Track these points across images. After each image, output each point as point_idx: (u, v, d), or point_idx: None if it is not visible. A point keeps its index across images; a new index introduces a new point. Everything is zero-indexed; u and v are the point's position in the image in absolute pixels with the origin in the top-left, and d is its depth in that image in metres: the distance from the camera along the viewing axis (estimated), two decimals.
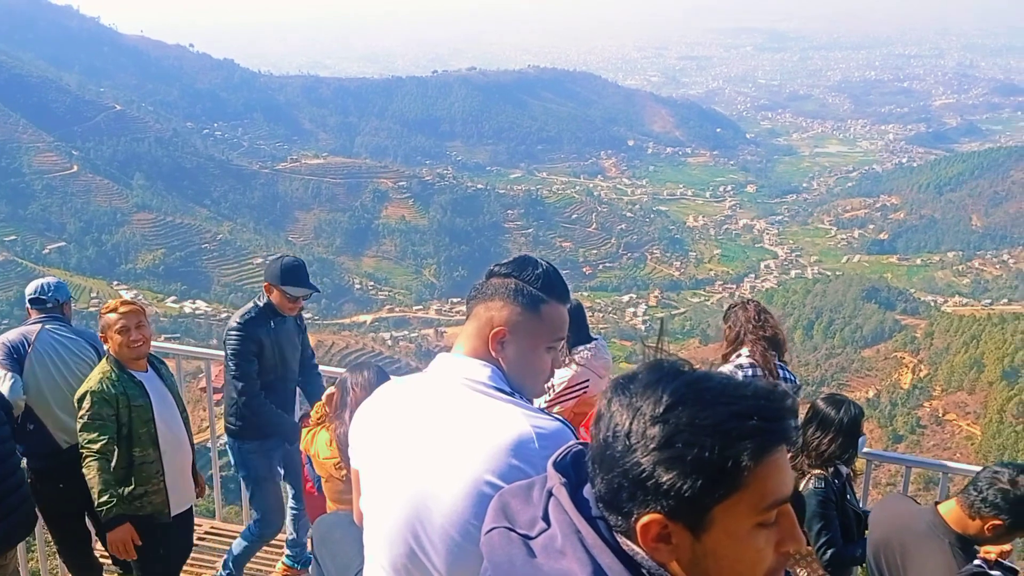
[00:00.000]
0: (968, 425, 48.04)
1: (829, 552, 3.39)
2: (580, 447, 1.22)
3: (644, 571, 1.08)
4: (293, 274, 4.22)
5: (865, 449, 4.21)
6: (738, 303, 4.44)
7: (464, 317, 1.86)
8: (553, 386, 4.26)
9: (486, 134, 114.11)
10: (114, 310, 3.70)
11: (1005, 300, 71.88)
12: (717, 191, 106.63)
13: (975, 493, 2.70)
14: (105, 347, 3.77)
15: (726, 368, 4.05)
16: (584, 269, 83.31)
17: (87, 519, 4.32)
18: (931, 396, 51.14)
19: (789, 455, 3.66)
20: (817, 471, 3.52)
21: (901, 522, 2.89)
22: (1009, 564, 2.77)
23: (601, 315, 73.44)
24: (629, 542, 1.09)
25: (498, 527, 1.19)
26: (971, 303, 71.94)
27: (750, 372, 4.04)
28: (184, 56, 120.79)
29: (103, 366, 3.73)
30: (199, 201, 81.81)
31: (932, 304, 69.97)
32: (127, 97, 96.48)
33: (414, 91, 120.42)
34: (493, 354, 1.75)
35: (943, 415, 49.32)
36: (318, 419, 3.76)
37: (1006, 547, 2.85)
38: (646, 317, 72.49)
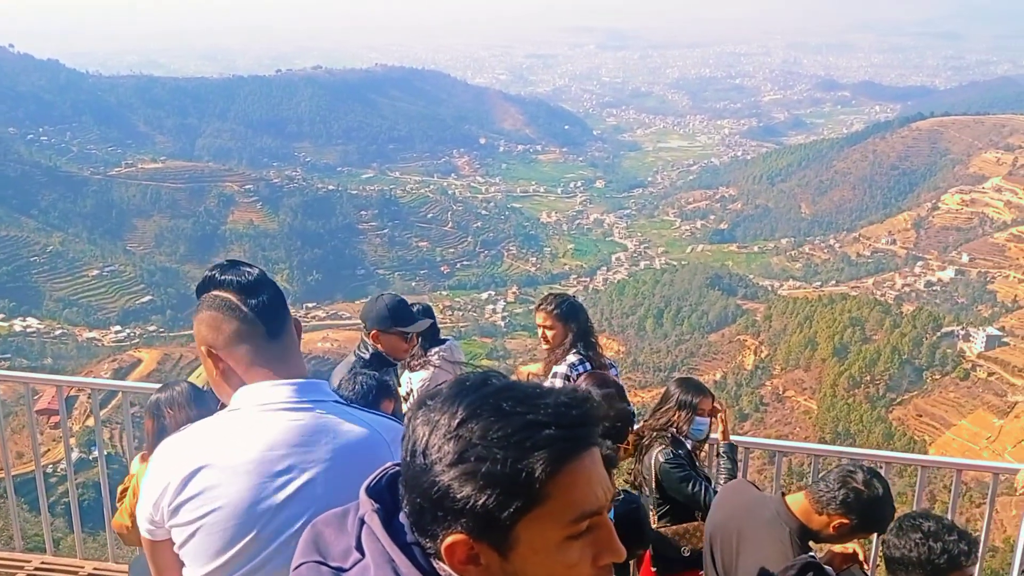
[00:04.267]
0: (805, 400, 51.18)
1: (709, 492, 3.50)
2: (397, 468, 1.14)
3: None
4: (402, 312, 3.86)
5: (738, 439, 4.21)
6: (550, 298, 4.33)
7: (320, 323, 1.80)
8: (413, 390, 4.28)
9: (335, 134, 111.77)
10: None
11: (833, 282, 77.05)
12: (568, 187, 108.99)
13: (825, 489, 2.67)
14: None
15: (560, 369, 4.06)
16: (442, 268, 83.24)
17: None
18: (772, 375, 54.10)
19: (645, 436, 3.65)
20: (660, 445, 3.60)
21: (745, 507, 2.86)
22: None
23: (461, 313, 73.62)
24: (446, 567, 1.04)
25: (307, 562, 1.13)
26: (803, 286, 76.65)
27: (581, 369, 4.02)
28: (3, 57, 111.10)
29: None
30: (25, 211, 75.89)
31: (769, 288, 74.08)
32: None
33: (257, 91, 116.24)
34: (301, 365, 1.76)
35: (783, 392, 52.33)
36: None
37: (857, 551, 2.84)
38: (505, 313, 73.17)
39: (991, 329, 55.00)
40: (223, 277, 1.70)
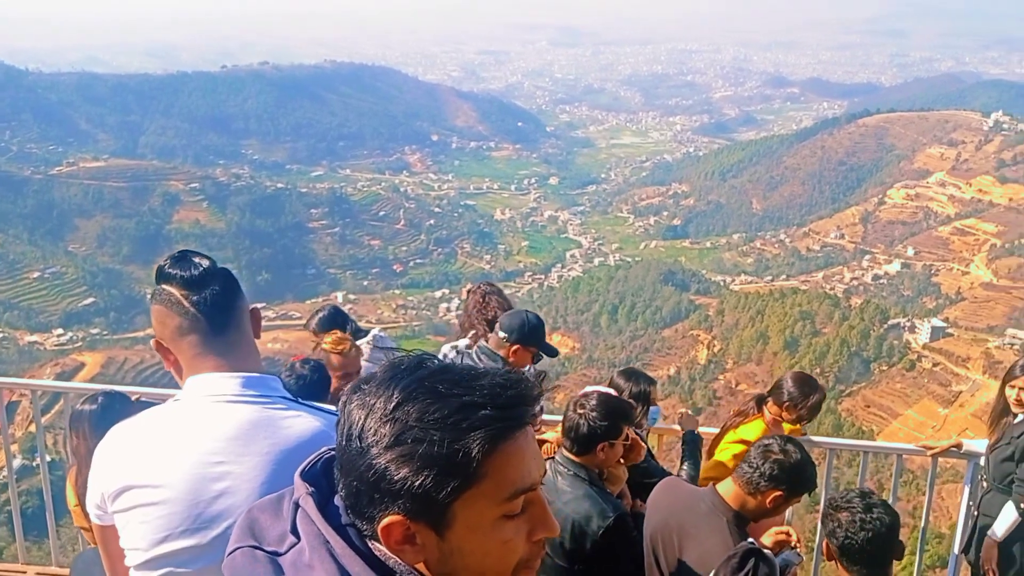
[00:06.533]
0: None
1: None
2: (332, 453, 1.14)
3: (396, 569, 1.05)
4: (544, 334, 3.91)
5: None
6: (472, 288, 4.45)
7: (270, 323, 1.83)
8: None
9: (283, 131, 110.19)
10: None
11: (784, 276, 78.11)
12: (522, 184, 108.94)
13: (750, 470, 2.74)
14: None
15: (445, 351, 4.16)
16: (395, 267, 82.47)
17: None
18: (724, 369, 54.57)
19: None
20: None
21: (681, 504, 2.90)
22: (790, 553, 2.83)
23: (414, 312, 73.00)
24: (382, 547, 1.06)
25: (242, 546, 1.13)
26: (755, 280, 77.62)
27: (454, 356, 4.12)
28: None
29: None
30: None
31: (722, 283, 74.78)
32: None
33: (202, 87, 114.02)
34: (257, 340, 1.78)
35: (736, 386, 52.68)
36: None
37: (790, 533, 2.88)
38: (459, 312, 72.62)
39: (936, 320, 56.22)
40: (170, 270, 1.69)
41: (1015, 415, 3.92)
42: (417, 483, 0.99)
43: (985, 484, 4.05)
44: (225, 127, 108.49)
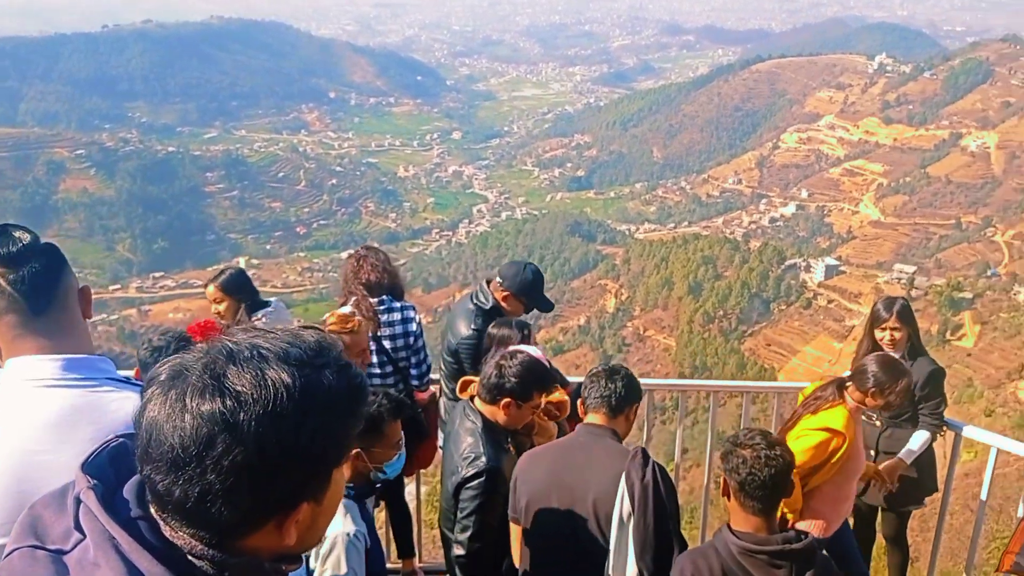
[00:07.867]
0: (664, 338, 53.11)
1: None
2: (121, 441, 1.08)
3: (197, 561, 0.96)
4: (541, 287, 4.12)
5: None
6: (350, 254, 4.44)
7: (170, 292, 1.70)
8: None
9: (172, 92, 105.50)
10: None
11: (686, 223, 79.85)
12: (424, 139, 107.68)
13: (604, 399, 2.91)
14: None
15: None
16: (298, 229, 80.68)
17: None
18: (632, 316, 55.78)
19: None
20: None
21: (561, 449, 2.98)
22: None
23: (320, 275, 71.72)
24: (184, 535, 0.96)
25: (21, 547, 1.03)
26: (659, 228, 79.16)
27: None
28: None
29: None
30: None
31: (627, 232, 76.00)
32: None
33: (83, 48, 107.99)
34: (86, 320, 1.67)
35: (644, 332, 54.08)
36: None
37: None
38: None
39: (829, 259, 58.62)
40: None
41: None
42: (328, 469, 0.98)
43: (879, 423, 4.09)
44: (109, 90, 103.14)
